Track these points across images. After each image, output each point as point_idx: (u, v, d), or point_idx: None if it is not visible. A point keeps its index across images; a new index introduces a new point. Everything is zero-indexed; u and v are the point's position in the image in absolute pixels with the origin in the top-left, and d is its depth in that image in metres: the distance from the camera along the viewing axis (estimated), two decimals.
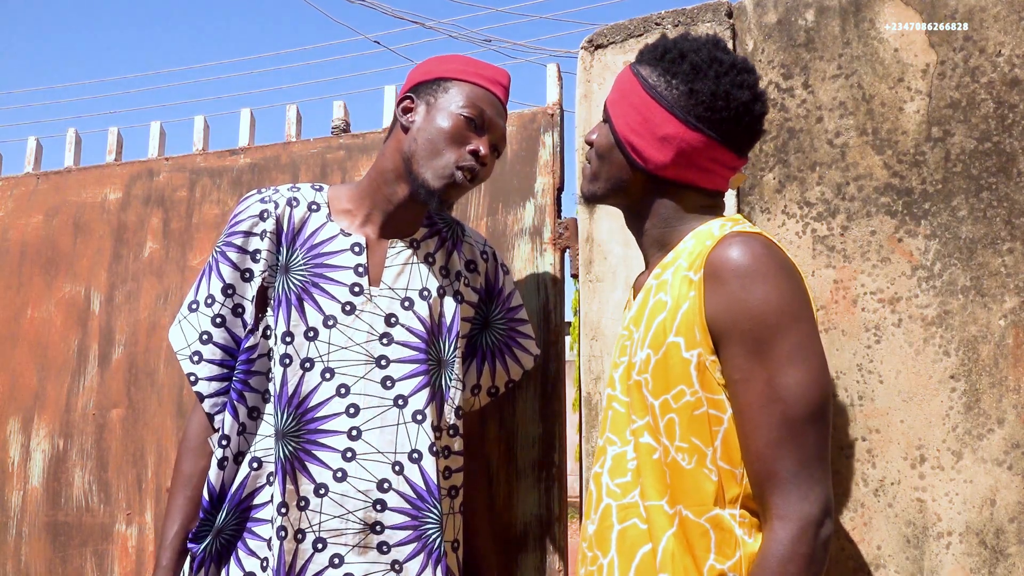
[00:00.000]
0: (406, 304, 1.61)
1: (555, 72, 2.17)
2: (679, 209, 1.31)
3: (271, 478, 1.56)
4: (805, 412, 1.12)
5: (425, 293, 1.64)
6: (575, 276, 2.03)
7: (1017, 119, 1.63)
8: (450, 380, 1.64)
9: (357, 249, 1.61)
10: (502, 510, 1.98)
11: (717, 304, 1.15)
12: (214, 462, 1.57)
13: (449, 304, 1.66)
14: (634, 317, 1.31)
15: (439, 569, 1.53)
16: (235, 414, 1.58)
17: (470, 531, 1.75)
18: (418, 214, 1.68)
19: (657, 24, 1.95)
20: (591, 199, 1.39)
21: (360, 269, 1.60)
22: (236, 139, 2.54)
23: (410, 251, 1.66)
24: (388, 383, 1.57)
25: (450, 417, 1.63)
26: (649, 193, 1.32)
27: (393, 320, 1.60)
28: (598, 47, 2.00)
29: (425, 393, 1.58)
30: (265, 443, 1.57)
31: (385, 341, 1.58)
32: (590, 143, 1.38)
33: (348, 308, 1.58)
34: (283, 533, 1.50)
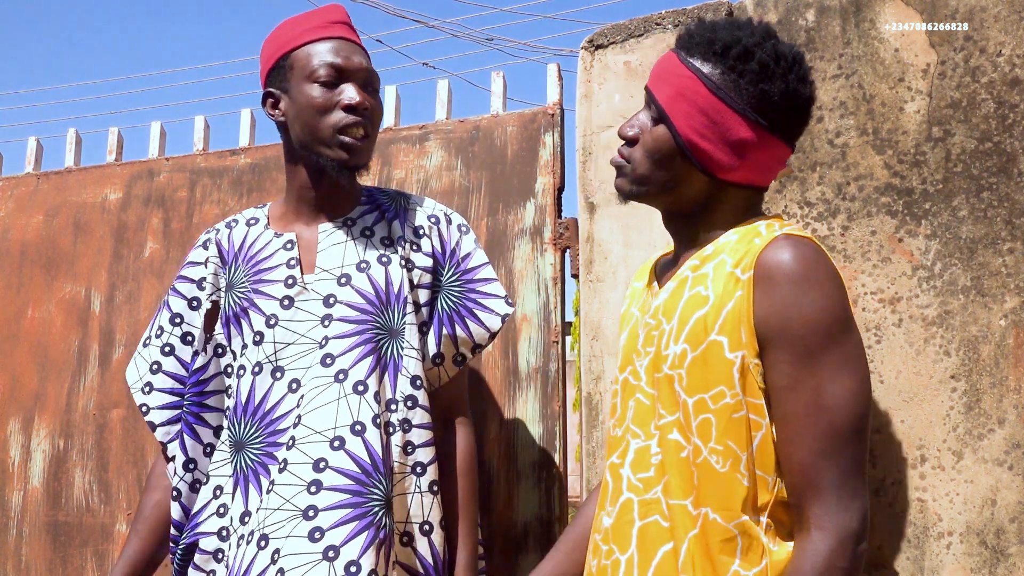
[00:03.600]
0: (342, 281, 1.56)
1: (555, 72, 2.17)
2: (729, 208, 1.27)
3: (218, 492, 1.55)
4: (850, 423, 1.11)
5: (363, 265, 1.58)
6: (575, 276, 2.03)
7: (1018, 119, 1.63)
8: (401, 348, 1.56)
9: (289, 245, 1.60)
10: (502, 510, 1.98)
11: (768, 307, 1.13)
12: (182, 488, 1.60)
13: (395, 271, 1.59)
14: (664, 306, 1.25)
15: (383, 551, 1.43)
16: (195, 436, 1.61)
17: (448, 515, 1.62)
18: (345, 193, 1.64)
19: (657, 24, 1.95)
20: (634, 197, 1.31)
21: (292, 262, 1.58)
22: (237, 139, 2.54)
23: (343, 230, 1.61)
24: (328, 360, 1.51)
25: (405, 388, 1.55)
26: (705, 195, 1.27)
27: (332, 300, 1.55)
28: (598, 47, 2.01)
29: (367, 363, 1.51)
30: (222, 461, 1.56)
31: (326, 322, 1.54)
32: (630, 139, 1.28)
33: (286, 303, 1.56)
34: (240, 541, 1.47)
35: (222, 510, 1.54)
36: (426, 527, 1.54)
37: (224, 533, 1.53)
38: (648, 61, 1.94)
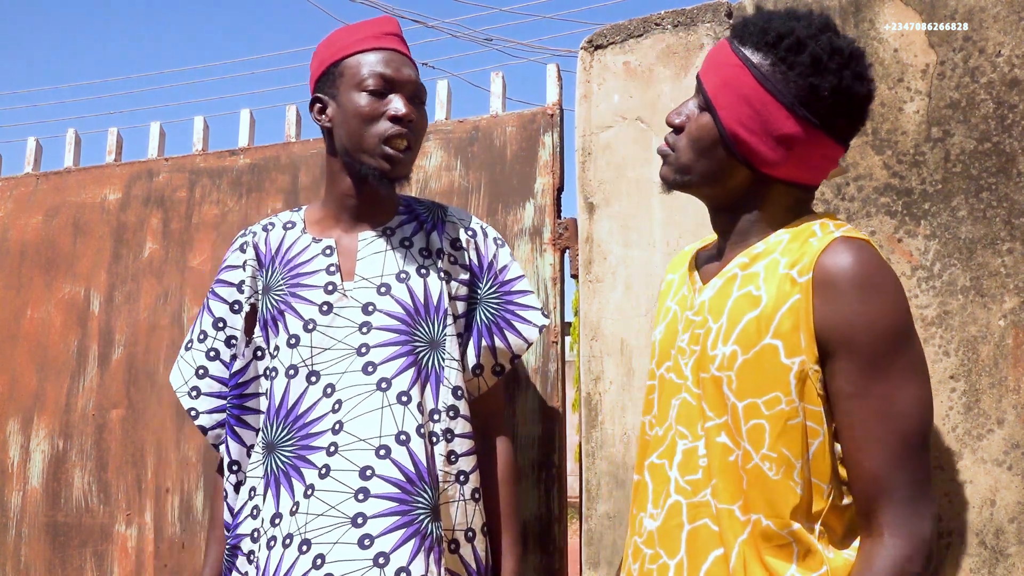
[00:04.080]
0: (382, 290, 1.58)
1: (555, 72, 2.17)
2: (776, 205, 1.23)
3: (252, 493, 1.58)
4: (920, 429, 1.09)
5: (403, 275, 1.60)
6: (575, 276, 2.03)
7: (1017, 119, 1.63)
8: (443, 360, 1.59)
9: (328, 251, 1.62)
10: None
11: (831, 314, 1.09)
12: (228, 489, 1.62)
13: (434, 283, 1.61)
14: (710, 304, 1.21)
15: (432, 556, 1.46)
16: (238, 439, 1.63)
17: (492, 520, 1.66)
18: (384, 203, 1.66)
19: (657, 24, 1.95)
20: (677, 187, 1.27)
21: (332, 268, 1.60)
22: (236, 139, 2.54)
23: (383, 239, 1.63)
24: (370, 368, 1.53)
25: (447, 398, 1.58)
26: (748, 189, 1.23)
27: (371, 308, 1.57)
28: (598, 47, 2.01)
29: (409, 374, 1.54)
30: (256, 463, 1.59)
31: (365, 330, 1.56)
32: (676, 127, 1.25)
33: (325, 308, 1.57)
34: (272, 543, 1.49)
35: (255, 512, 1.56)
36: (470, 534, 1.57)
37: (255, 535, 1.55)
38: (647, 61, 1.94)
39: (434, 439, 1.55)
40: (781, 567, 1.10)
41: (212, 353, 1.68)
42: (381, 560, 1.43)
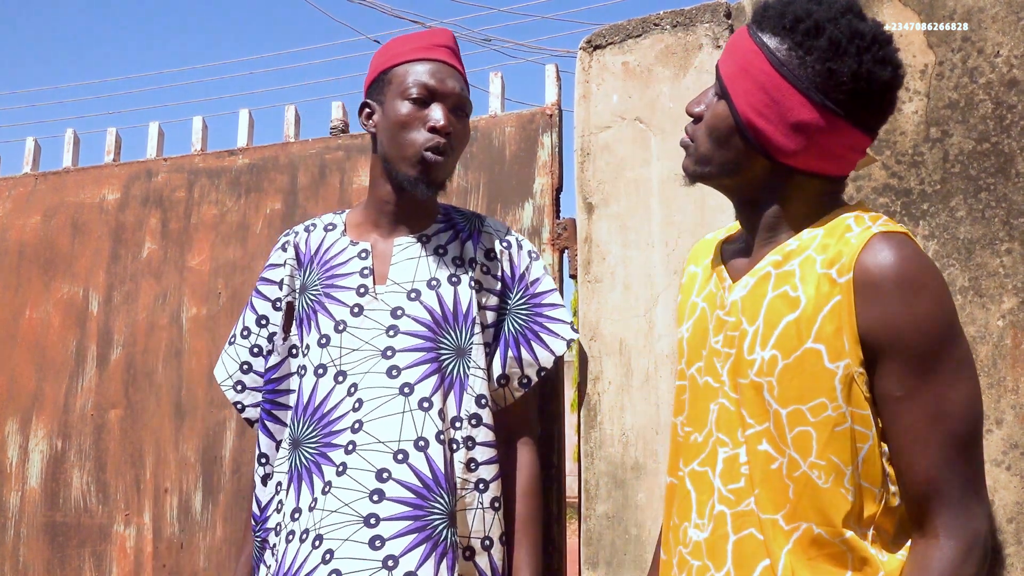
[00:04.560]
0: (412, 295, 1.61)
1: (554, 72, 2.17)
2: (801, 198, 1.18)
3: (278, 488, 1.61)
4: (972, 428, 1.08)
5: (434, 283, 1.63)
6: (574, 276, 2.03)
7: (1015, 120, 1.63)
8: (468, 368, 1.61)
9: (363, 254, 1.66)
10: None
11: (876, 316, 1.06)
12: (257, 481, 1.67)
13: (464, 291, 1.64)
14: (744, 304, 1.17)
15: (445, 563, 1.47)
16: (268, 433, 1.67)
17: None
18: (422, 210, 1.69)
19: (655, 25, 1.95)
20: (698, 179, 1.23)
21: (365, 271, 1.63)
22: (235, 140, 2.53)
23: (418, 246, 1.67)
24: (394, 372, 1.56)
25: (470, 406, 1.59)
26: (769, 180, 1.18)
27: (399, 312, 1.60)
28: (597, 48, 2.01)
29: (433, 380, 1.56)
30: (282, 458, 1.63)
31: (392, 333, 1.59)
32: (696, 116, 1.21)
33: (356, 310, 1.61)
34: (291, 537, 1.52)
35: (280, 506, 1.60)
36: (487, 542, 1.58)
37: (278, 529, 1.58)
38: (646, 62, 1.94)
39: (454, 446, 1.56)
40: (835, 573, 1.08)
41: (256, 349, 1.72)
42: (390, 563, 1.45)
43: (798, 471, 1.09)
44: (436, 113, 1.58)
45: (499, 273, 1.70)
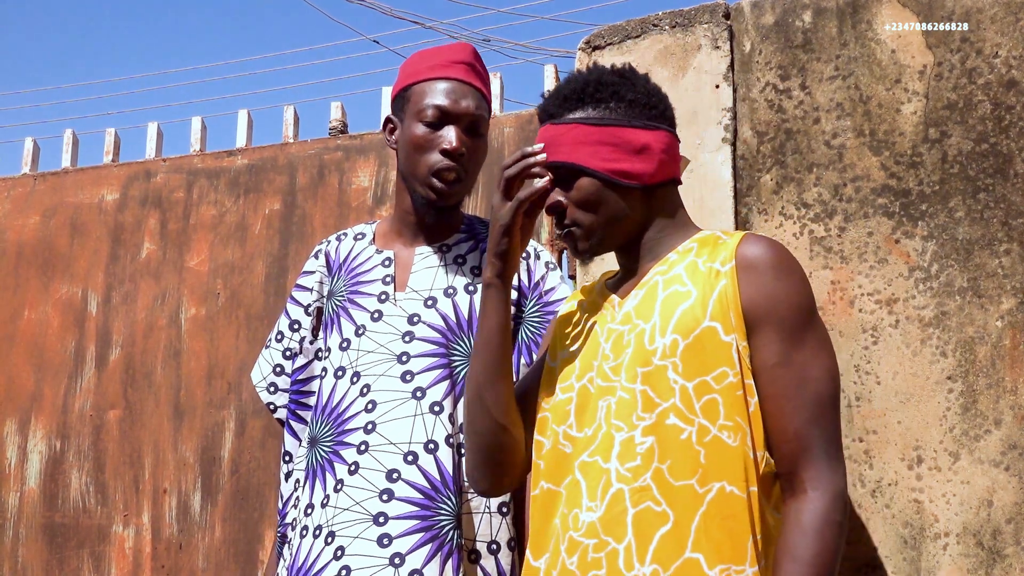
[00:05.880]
0: (429, 303, 1.66)
1: (553, 73, 2.17)
2: (668, 206, 1.37)
3: (297, 484, 1.66)
4: (832, 392, 1.25)
5: (450, 291, 1.67)
6: (572, 277, 2.03)
7: (1014, 120, 1.63)
8: None
9: (387, 262, 1.70)
10: None
11: (754, 292, 1.25)
12: (281, 477, 1.73)
13: (479, 300, 1.65)
14: (637, 310, 1.32)
15: (450, 563, 1.51)
16: (292, 432, 1.73)
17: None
18: (444, 221, 1.72)
19: (655, 25, 1.95)
20: (597, 252, 1.38)
21: (387, 279, 1.68)
22: (234, 140, 2.53)
23: (438, 255, 1.71)
24: (408, 377, 1.60)
25: None
26: (643, 205, 1.36)
27: (416, 319, 1.64)
28: (596, 48, 2.00)
29: (444, 385, 1.60)
30: (301, 457, 1.68)
31: (407, 339, 1.63)
32: (558, 207, 1.35)
33: (376, 315, 1.65)
34: (304, 532, 1.56)
35: (297, 502, 1.65)
36: (493, 546, 1.60)
37: (294, 523, 1.63)
38: (645, 62, 1.94)
39: (463, 450, 1.59)
40: (742, 531, 1.19)
41: (288, 352, 1.77)
42: (397, 560, 1.49)
43: (708, 436, 1.22)
44: (449, 136, 1.60)
45: (516, 283, 1.73)
